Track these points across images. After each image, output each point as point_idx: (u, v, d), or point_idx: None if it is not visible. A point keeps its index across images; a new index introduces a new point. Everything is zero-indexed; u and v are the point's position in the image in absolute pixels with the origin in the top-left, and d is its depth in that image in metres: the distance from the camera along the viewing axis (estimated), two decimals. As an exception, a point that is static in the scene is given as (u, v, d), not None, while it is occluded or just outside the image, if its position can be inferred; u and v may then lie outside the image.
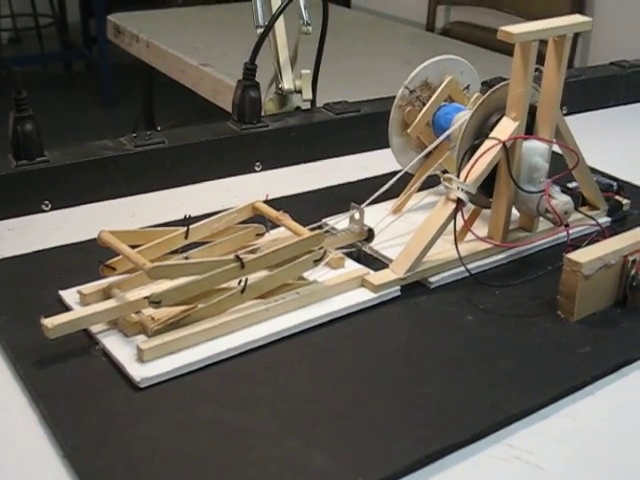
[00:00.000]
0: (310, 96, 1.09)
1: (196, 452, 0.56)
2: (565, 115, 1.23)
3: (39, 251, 0.81)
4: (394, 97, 0.87)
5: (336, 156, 1.09)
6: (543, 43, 0.77)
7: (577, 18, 0.77)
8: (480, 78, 0.90)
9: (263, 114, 1.07)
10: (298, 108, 1.11)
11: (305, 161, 1.07)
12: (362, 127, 1.10)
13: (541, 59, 0.77)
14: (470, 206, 0.81)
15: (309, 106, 1.11)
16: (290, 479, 0.54)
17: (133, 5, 2.79)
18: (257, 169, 1.03)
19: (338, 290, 0.73)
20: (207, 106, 2.00)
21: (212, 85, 1.93)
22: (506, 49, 0.76)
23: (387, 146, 0.89)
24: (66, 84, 4.30)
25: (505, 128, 0.77)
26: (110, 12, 2.66)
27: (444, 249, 0.77)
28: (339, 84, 1.71)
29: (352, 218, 0.80)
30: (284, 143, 1.05)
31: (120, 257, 0.70)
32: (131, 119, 2.98)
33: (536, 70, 0.78)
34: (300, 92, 1.08)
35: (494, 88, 0.79)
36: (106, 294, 0.70)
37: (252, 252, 0.73)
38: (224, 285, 0.68)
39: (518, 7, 2.40)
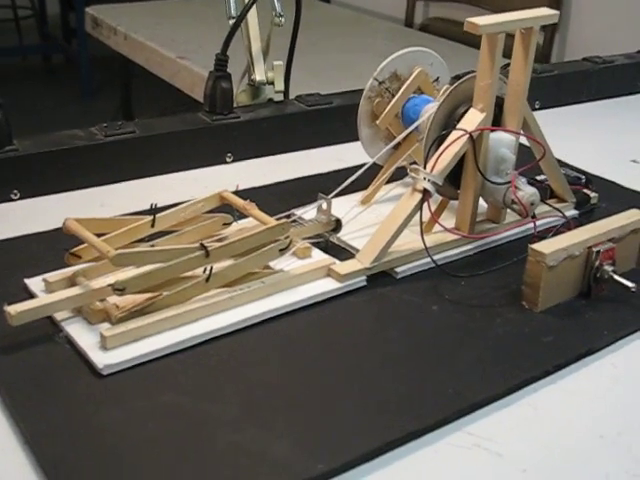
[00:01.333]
0: (282, 87, 1.09)
1: (157, 439, 0.56)
2: (538, 109, 1.24)
3: (6, 240, 0.81)
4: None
5: (308, 148, 1.09)
6: (513, 37, 0.78)
7: (544, 11, 0.78)
8: (457, 73, 0.90)
9: (235, 105, 1.07)
10: (270, 100, 1.11)
11: (277, 152, 1.07)
12: (334, 119, 1.10)
13: (511, 52, 0.78)
14: (438, 197, 0.81)
15: (281, 98, 1.11)
16: (250, 465, 0.54)
17: (112, -2, 2.78)
18: (228, 160, 1.03)
19: (304, 279, 0.73)
20: (185, 99, 2.00)
21: (189, 78, 1.92)
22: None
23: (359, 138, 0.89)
24: (45, 77, 4.28)
25: (472, 119, 0.77)
26: (89, 5, 2.65)
27: (411, 240, 0.78)
28: (316, 79, 1.71)
29: (320, 208, 0.80)
30: (256, 134, 1.05)
31: (86, 245, 0.70)
32: (110, 112, 2.97)
33: (506, 66, 0.79)
34: (272, 84, 1.08)
35: (461, 80, 0.79)
36: (71, 282, 0.70)
37: (219, 241, 0.73)
38: (189, 273, 0.68)
39: (496, 3, 2.41)
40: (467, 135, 0.76)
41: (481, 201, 0.82)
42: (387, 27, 2.51)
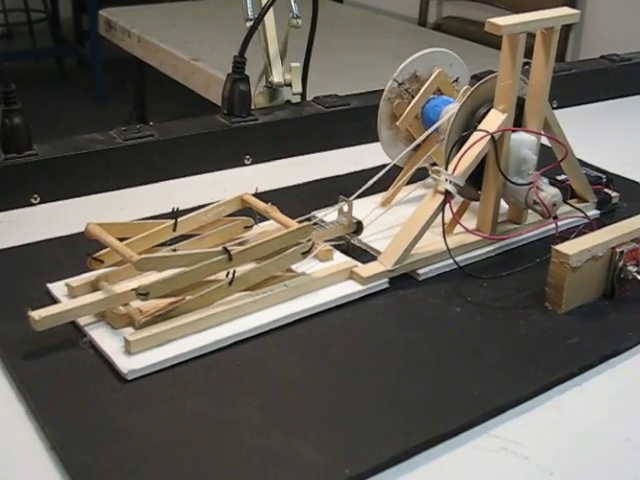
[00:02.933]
0: (300, 89, 1.09)
1: (182, 444, 0.56)
2: (556, 108, 1.23)
3: (28, 244, 0.81)
4: (384, 90, 0.87)
5: (326, 149, 1.09)
6: (532, 36, 0.77)
7: (565, 10, 0.77)
8: (472, 72, 0.90)
9: (253, 107, 1.07)
10: (288, 101, 1.11)
11: (295, 154, 1.07)
12: (352, 120, 1.10)
13: (530, 52, 0.77)
14: (459, 198, 0.81)
15: (299, 99, 1.11)
16: (276, 470, 0.54)
17: (124, 0, 2.78)
18: (247, 162, 1.03)
19: (326, 282, 0.73)
20: (199, 100, 2.00)
21: (204, 79, 1.93)
22: (498, 44, 0.76)
23: (377, 139, 0.89)
24: (58, 80, 4.29)
25: (493, 120, 0.77)
26: (102, 7, 2.65)
27: (433, 241, 0.77)
28: (330, 79, 1.70)
29: (341, 211, 0.80)
30: (274, 136, 1.05)
31: (108, 250, 0.70)
32: (123, 114, 2.98)
33: (525, 64, 0.78)
34: (290, 85, 1.08)
35: (482, 80, 0.79)
36: (94, 287, 0.70)
37: (240, 244, 0.73)
38: (212, 277, 0.68)
39: (510, 2, 2.41)
40: (489, 136, 0.76)
41: (502, 202, 0.81)
42: (400, 26, 2.51)
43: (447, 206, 0.75)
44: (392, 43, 2.20)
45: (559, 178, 0.88)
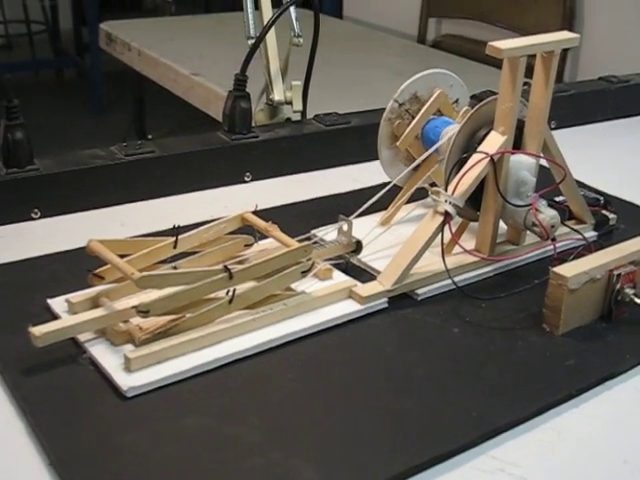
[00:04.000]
0: (300, 107, 1.09)
1: (181, 462, 0.56)
2: (554, 129, 1.24)
3: (28, 259, 0.81)
4: (384, 109, 0.87)
5: (326, 168, 1.09)
6: (532, 56, 0.78)
7: (565, 34, 0.78)
8: (471, 91, 0.90)
9: (253, 125, 1.08)
10: (288, 119, 1.11)
11: (295, 172, 1.07)
12: (352, 139, 1.10)
13: (530, 71, 0.78)
14: (458, 219, 0.81)
15: (299, 117, 1.12)
16: (275, 489, 0.54)
17: (125, 13, 2.79)
18: (247, 179, 1.04)
19: (325, 301, 0.73)
20: (198, 115, 2.01)
21: (203, 94, 1.93)
22: (497, 62, 0.76)
23: (377, 158, 0.90)
24: (57, 91, 4.30)
25: (493, 142, 0.77)
26: (102, 20, 2.67)
27: (432, 261, 0.78)
28: (330, 95, 1.71)
29: (340, 230, 0.80)
30: (274, 154, 1.05)
31: (109, 266, 0.70)
32: (122, 127, 2.98)
33: (525, 84, 0.79)
34: (290, 103, 1.09)
35: (482, 102, 0.79)
36: (94, 303, 0.70)
37: (240, 263, 0.73)
38: (212, 295, 0.68)
39: (509, 21, 2.42)
40: (488, 158, 0.76)
41: (501, 223, 0.82)
42: (400, 43, 2.52)
43: (446, 227, 0.76)
44: (391, 60, 2.21)
45: (557, 199, 0.89)
